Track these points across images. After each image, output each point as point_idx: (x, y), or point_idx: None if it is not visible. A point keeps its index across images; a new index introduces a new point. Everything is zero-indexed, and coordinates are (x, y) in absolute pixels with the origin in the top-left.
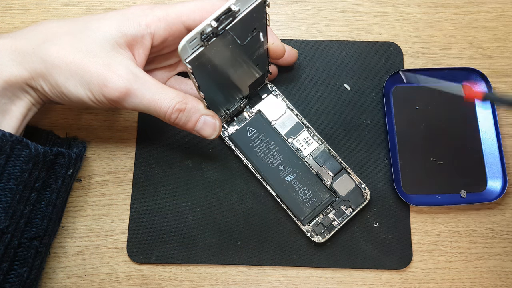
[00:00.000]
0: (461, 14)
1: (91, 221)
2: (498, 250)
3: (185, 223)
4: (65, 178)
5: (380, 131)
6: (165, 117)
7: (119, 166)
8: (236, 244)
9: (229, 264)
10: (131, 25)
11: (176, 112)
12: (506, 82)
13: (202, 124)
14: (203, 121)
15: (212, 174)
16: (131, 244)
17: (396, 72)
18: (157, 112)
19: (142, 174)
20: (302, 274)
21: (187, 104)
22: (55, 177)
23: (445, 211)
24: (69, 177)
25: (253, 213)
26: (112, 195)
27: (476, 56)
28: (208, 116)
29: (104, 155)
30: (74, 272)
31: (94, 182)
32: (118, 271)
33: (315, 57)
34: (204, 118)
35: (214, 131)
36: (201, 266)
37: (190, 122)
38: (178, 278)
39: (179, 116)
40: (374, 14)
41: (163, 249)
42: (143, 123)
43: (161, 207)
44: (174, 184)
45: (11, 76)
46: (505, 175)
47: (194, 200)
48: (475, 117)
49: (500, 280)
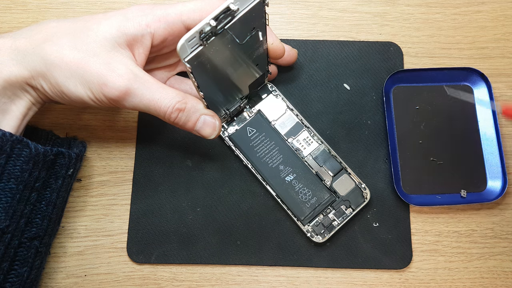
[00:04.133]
0: (461, 14)
1: (91, 221)
2: (498, 250)
3: (185, 223)
4: (65, 178)
5: (380, 131)
6: (165, 117)
7: (119, 166)
8: (236, 244)
9: (229, 264)
10: (131, 25)
11: (176, 112)
12: (506, 82)
13: (202, 123)
14: (202, 120)
15: (212, 174)
16: (131, 244)
17: (396, 72)
18: (157, 112)
19: (142, 174)
20: (302, 274)
21: (187, 103)
22: (55, 177)
23: (445, 211)
24: (69, 177)
25: (253, 213)
26: (112, 195)
27: (476, 56)
28: (207, 116)
29: (104, 155)
30: (74, 272)
31: (94, 182)
32: (118, 271)
33: (315, 57)
34: (204, 117)
35: (213, 130)
36: (201, 266)
37: (190, 122)
38: (178, 278)
39: (179, 115)
40: (374, 14)
41: (163, 249)
42: (143, 123)
43: (161, 207)
44: (174, 184)
45: (11, 75)
46: (505, 175)
47: (194, 200)
48: (475, 117)
49: (500, 280)
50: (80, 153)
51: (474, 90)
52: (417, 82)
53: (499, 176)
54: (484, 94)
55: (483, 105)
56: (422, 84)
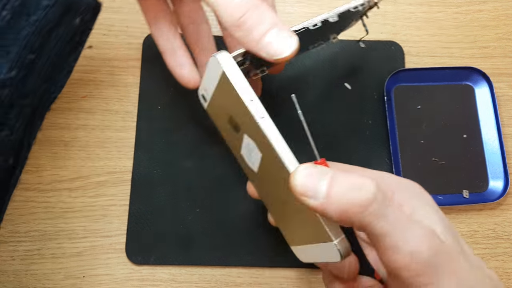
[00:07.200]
0: (463, 13)
1: (90, 222)
2: (500, 251)
3: (184, 224)
4: (68, 27)
5: (382, 131)
6: (228, 9)
7: (118, 167)
8: (236, 245)
9: (229, 265)
10: None
11: (245, 6)
12: (508, 82)
13: (276, 34)
14: (277, 31)
15: (212, 174)
16: (130, 245)
17: (397, 71)
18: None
19: (141, 175)
20: (303, 276)
21: (263, 4)
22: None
23: (446, 211)
24: (74, 27)
25: (253, 215)
26: (110, 195)
27: (478, 55)
28: (285, 30)
29: (102, 155)
30: (73, 273)
31: (92, 182)
32: (116, 272)
33: (315, 56)
34: (280, 29)
35: (289, 48)
36: (200, 268)
37: (260, 27)
38: (177, 280)
39: (249, 13)
40: (375, 13)
41: (162, 250)
42: (141, 123)
43: (160, 208)
44: (173, 184)
45: None
46: (507, 175)
47: (193, 201)
48: (477, 117)
49: (502, 281)
50: (92, 3)
51: (475, 89)
52: (418, 82)
53: (501, 176)
54: (486, 93)
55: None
56: (423, 84)
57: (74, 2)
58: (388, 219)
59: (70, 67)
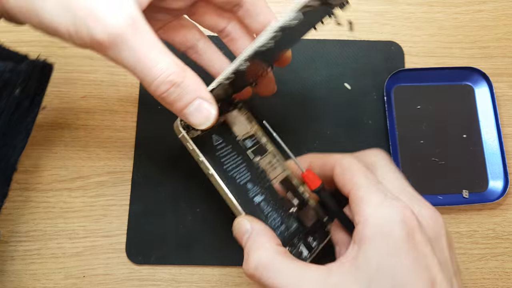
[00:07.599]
0: (463, 13)
1: (90, 221)
2: (499, 251)
3: (184, 224)
4: (9, 99)
5: (381, 131)
6: (151, 86)
7: (118, 166)
8: (236, 245)
9: (229, 265)
10: None
11: (168, 84)
12: (508, 82)
13: (195, 108)
14: (197, 104)
15: None
16: (130, 245)
17: (397, 71)
18: (143, 75)
19: (141, 175)
20: None
21: (185, 78)
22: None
23: (446, 211)
24: (16, 98)
25: None
26: (110, 195)
27: (478, 55)
28: (205, 101)
29: (102, 155)
30: (73, 273)
31: (92, 182)
32: (117, 272)
33: (315, 56)
34: (200, 102)
35: (206, 121)
36: (200, 267)
37: (181, 102)
38: (177, 279)
39: (170, 90)
40: (375, 13)
41: (162, 250)
42: (142, 123)
43: (160, 208)
44: (173, 184)
45: None
46: (506, 175)
47: (193, 201)
48: (477, 117)
49: (502, 281)
50: (28, 68)
51: (475, 89)
52: (418, 82)
53: (501, 176)
54: (486, 93)
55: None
56: (423, 84)
57: (9, 78)
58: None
59: (27, 129)
